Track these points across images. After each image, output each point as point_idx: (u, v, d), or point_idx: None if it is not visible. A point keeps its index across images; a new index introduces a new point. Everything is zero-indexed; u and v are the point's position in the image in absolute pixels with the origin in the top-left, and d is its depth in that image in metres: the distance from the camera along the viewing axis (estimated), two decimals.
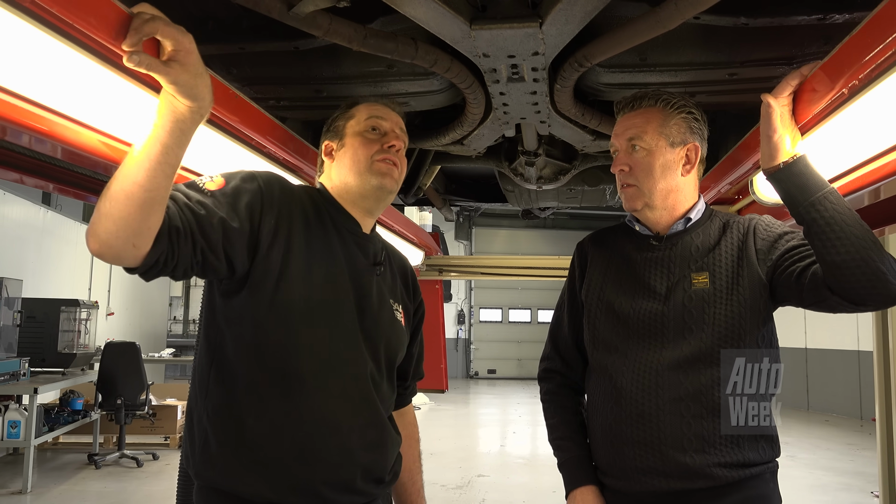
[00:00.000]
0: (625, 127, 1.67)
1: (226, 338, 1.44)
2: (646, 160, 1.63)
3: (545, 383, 1.89)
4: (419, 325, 1.82)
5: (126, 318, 11.61)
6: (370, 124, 1.61)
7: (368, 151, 1.58)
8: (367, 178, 1.57)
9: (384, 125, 1.62)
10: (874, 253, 1.34)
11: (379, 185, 1.58)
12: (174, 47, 1.11)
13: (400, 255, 1.81)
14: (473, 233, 18.92)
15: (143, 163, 1.12)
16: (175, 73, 1.11)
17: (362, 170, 1.57)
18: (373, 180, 1.57)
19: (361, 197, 1.60)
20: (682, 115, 1.65)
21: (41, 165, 2.03)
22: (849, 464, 8.07)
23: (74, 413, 7.13)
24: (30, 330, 6.85)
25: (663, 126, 1.63)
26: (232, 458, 1.40)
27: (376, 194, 1.59)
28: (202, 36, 1.84)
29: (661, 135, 1.63)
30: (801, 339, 12.38)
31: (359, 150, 1.59)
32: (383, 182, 1.58)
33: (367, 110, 1.64)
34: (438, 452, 8.43)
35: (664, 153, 1.63)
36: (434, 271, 4.31)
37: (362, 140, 1.60)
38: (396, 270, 1.74)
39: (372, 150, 1.58)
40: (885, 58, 1.16)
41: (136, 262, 1.18)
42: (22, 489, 5.99)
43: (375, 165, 1.57)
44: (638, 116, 1.66)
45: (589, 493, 1.71)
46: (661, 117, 1.64)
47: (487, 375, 18.35)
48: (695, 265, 1.64)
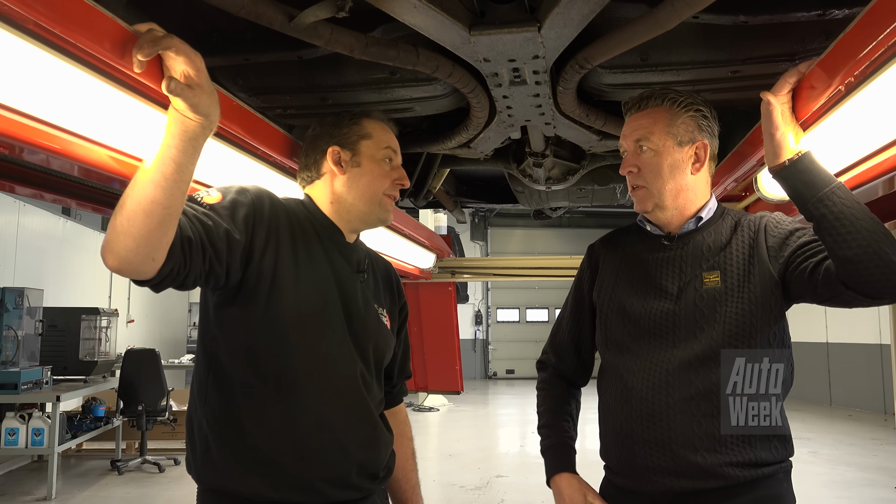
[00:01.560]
0: (632, 128, 1.67)
1: (221, 346, 1.50)
2: (654, 161, 1.63)
3: (540, 373, 1.94)
4: (403, 324, 1.89)
5: (146, 326, 11.74)
6: (387, 154, 1.69)
7: (383, 184, 1.67)
8: (376, 210, 1.67)
9: (397, 159, 1.72)
10: (887, 245, 1.33)
11: (382, 220, 1.70)
12: (189, 67, 1.15)
13: (383, 261, 1.89)
14: (489, 233, 18.90)
15: (158, 181, 1.15)
16: (197, 95, 1.16)
17: (373, 200, 1.66)
18: (380, 213, 1.68)
19: (361, 221, 1.69)
20: (689, 113, 1.64)
21: (59, 182, 2.08)
22: (872, 459, 7.98)
23: (97, 420, 7.22)
24: (51, 339, 6.95)
25: (670, 125, 1.63)
26: (232, 461, 1.47)
27: (375, 224, 1.71)
28: (207, 48, 1.88)
29: (669, 134, 1.62)
30: (822, 334, 12.24)
31: (376, 180, 1.66)
32: (386, 217, 1.70)
33: (383, 135, 1.71)
34: (458, 453, 8.45)
35: (672, 153, 1.62)
36: (447, 273, 4.33)
37: (381, 172, 1.67)
38: (380, 276, 1.81)
39: (386, 183, 1.67)
40: (879, 54, 1.16)
41: (153, 274, 1.22)
42: (46, 496, 6.09)
43: (384, 201, 1.68)
44: (645, 117, 1.66)
45: (565, 479, 1.74)
46: (668, 116, 1.64)
47: (506, 376, 18.34)
48: (706, 264, 1.63)
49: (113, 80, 1.17)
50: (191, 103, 1.15)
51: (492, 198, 4.42)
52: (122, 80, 1.18)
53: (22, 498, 6.17)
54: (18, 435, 6.14)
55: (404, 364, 1.93)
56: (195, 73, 1.16)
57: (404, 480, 1.92)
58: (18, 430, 6.13)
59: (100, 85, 1.16)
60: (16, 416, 6.16)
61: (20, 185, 2.06)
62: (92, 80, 1.14)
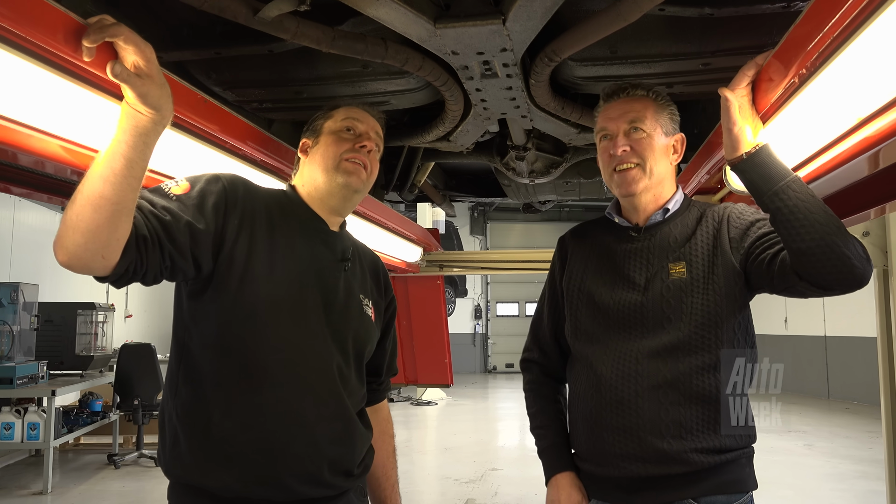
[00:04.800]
0: (622, 111, 1.69)
1: (193, 337, 1.48)
2: (648, 142, 1.66)
3: (526, 373, 1.94)
4: (391, 321, 1.85)
5: (144, 320, 11.76)
6: (346, 124, 1.66)
7: (339, 149, 1.62)
8: (334, 175, 1.61)
9: (360, 127, 1.67)
10: (838, 238, 1.36)
11: (345, 184, 1.61)
12: (138, 57, 1.14)
13: (371, 254, 1.85)
14: (488, 227, 18.88)
15: (108, 177, 1.14)
16: (146, 85, 1.15)
17: (330, 167, 1.61)
18: (339, 178, 1.61)
19: (328, 194, 1.63)
20: (670, 108, 1.71)
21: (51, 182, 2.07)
22: (867, 452, 7.98)
23: (93, 414, 7.25)
24: (48, 333, 6.96)
25: (658, 115, 1.69)
26: (199, 454, 1.44)
27: (342, 192, 1.63)
28: (177, 42, 1.89)
29: (657, 122, 1.68)
30: (820, 327, 12.24)
31: (330, 147, 1.63)
32: (349, 180, 1.61)
33: (345, 112, 1.69)
34: (454, 447, 8.47)
35: (660, 139, 1.68)
36: (435, 267, 4.34)
37: (335, 138, 1.64)
38: (367, 268, 1.77)
39: (343, 148, 1.63)
40: (826, 45, 1.16)
41: (106, 271, 1.22)
42: (43, 490, 6.11)
43: (343, 164, 1.61)
44: (635, 102, 1.69)
45: (566, 479, 1.76)
46: (655, 107, 1.69)
47: (506, 370, 18.34)
48: (672, 255, 1.66)
49: (67, 74, 1.17)
50: (139, 93, 1.14)
51: (480, 191, 4.43)
52: (77, 73, 1.18)
53: (18, 492, 6.20)
54: (14, 429, 6.16)
55: (392, 360, 1.90)
56: (145, 63, 1.15)
57: (384, 479, 1.89)
58: (14, 424, 6.16)
59: (52, 78, 1.16)
60: (12, 411, 6.19)
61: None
62: (45, 74, 1.14)
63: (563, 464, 1.78)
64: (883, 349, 3.80)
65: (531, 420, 1.89)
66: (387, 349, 1.85)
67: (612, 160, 1.68)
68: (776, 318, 12.44)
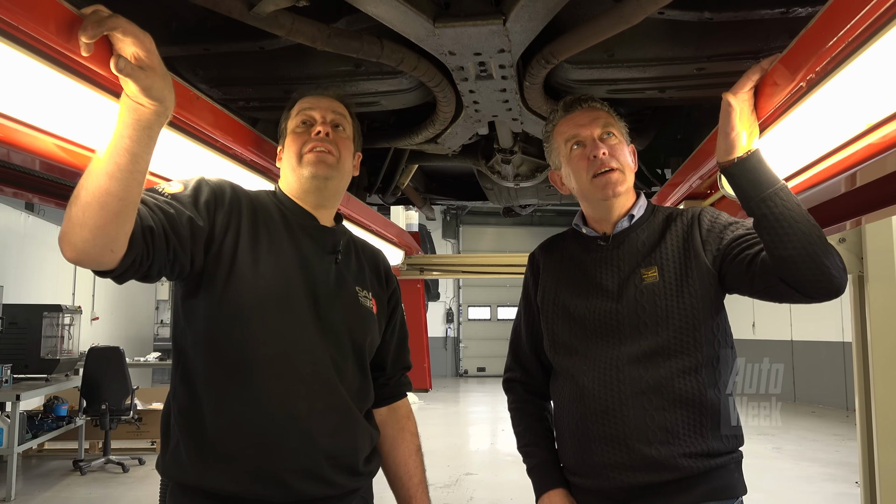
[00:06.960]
0: (591, 118, 1.69)
1: (187, 337, 1.49)
2: (620, 147, 1.69)
3: (510, 394, 1.93)
4: (394, 312, 1.81)
5: (112, 323, 11.54)
6: (300, 119, 1.67)
7: (297, 147, 1.63)
8: (300, 171, 1.62)
9: (312, 115, 1.66)
10: (819, 249, 1.39)
11: (311, 175, 1.61)
12: (138, 48, 1.11)
13: (371, 248, 1.84)
14: (461, 231, 18.90)
15: (113, 172, 1.13)
16: (149, 77, 1.13)
17: (295, 166, 1.63)
18: (305, 172, 1.61)
19: (303, 191, 1.64)
20: (622, 120, 1.75)
21: (17, 176, 2.00)
22: (834, 454, 8.13)
23: (59, 419, 7.06)
24: (12, 336, 6.78)
25: (618, 124, 1.72)
26: (196, 454, 1.43)
27: (313, 184, 1.62)
28: (166, 37, 1.83)
29: (621, 130, 1.71)
30: (786, 332, 12.45)
31: (290, 147, 1.65)
32: (315, 171, 1.61)
33: (299, 105, 1.70)
34: (428, 451, 8.27)
35: (626, 145, 1.71)
36: (415, 270, 4.30)
37: (293, 137, 1.65)
38: (366, 260, 1.76)
39: (299, 144, 1.63)
40: (840, 50, 1.15)
41: (114, 265, 1.21)
42: (6, 497, 5.93)
43: (305, 158, 1.62)
44: (599, 111, 1.71)
45: (557, 496, 1.74)
46: (615, 117, 1.73)
47: (477, 374, 18.36)
48: (643, 261, 1.66)
49: (59, 66, 1.12)
50: (143, 86, 1.11)
51: (461, 195, 4.41)
52: (70, 65, 1.13)
53: None
54: None
55: (399, 354, 1.84)
56: (145, 55, 1.11)
57: (407, 477, 1.80)
58: None
59: (45, 70, 1.11)
60: None
61: None
62: (37, 66, 1.09)
63: (553, 480, 1.76)
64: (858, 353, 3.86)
65: (518, 439, 1.87)
66: (391, 341, 1.80)
67: (592, 165, 1.66)
68: (744, 323, 12.62)
